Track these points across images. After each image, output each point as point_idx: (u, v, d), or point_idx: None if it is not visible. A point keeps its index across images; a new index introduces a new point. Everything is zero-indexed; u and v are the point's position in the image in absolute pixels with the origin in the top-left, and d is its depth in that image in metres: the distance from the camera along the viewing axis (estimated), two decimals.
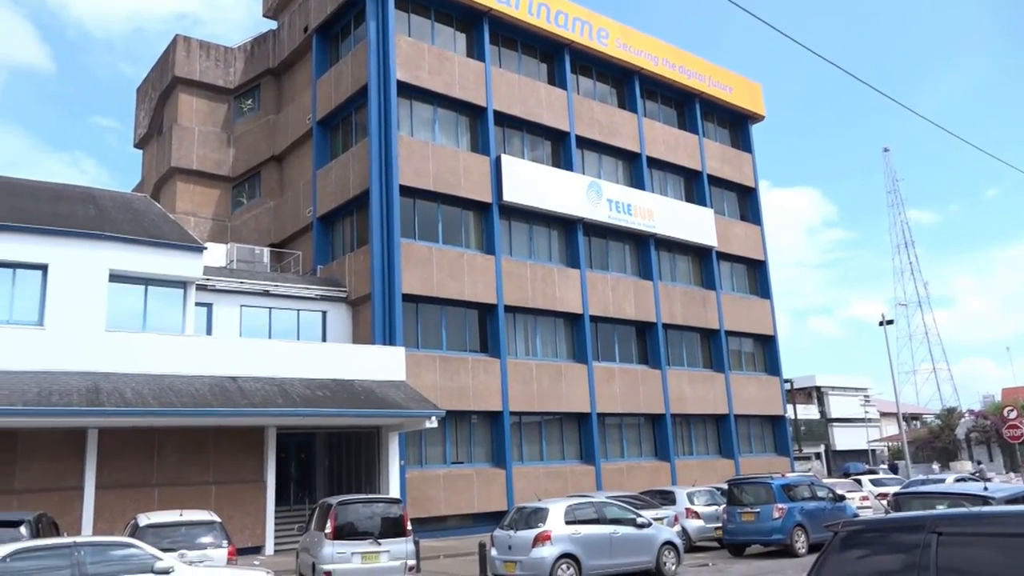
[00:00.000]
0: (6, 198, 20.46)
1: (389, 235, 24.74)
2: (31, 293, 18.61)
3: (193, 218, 30.96)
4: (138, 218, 21.98)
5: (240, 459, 20.42)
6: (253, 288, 23.96)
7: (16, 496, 17.10)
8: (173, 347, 19.56)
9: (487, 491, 24.97)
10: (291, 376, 20.66)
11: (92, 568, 9.58)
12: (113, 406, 16.74)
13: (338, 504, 13.86)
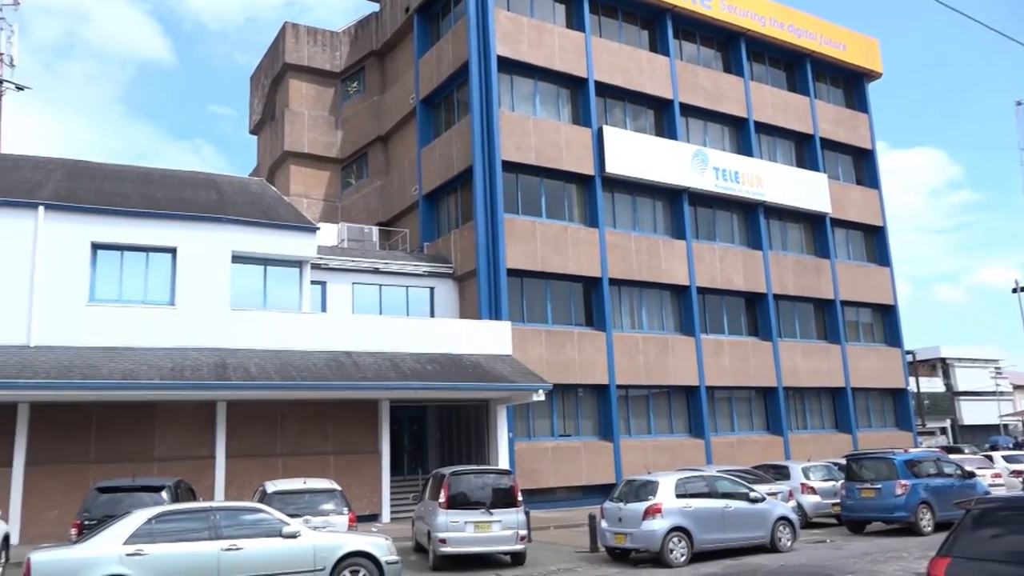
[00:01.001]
0: (138, 186, 21.83)
1: (493, 211, 24.95)
2: (162, 275, 19.84)
3: (306, 199, 32.17)
4: (256, 201, 23.01)
5: (356, 431, 21.26)
6: (364, 266, 24.72)
7: (156, 464, 18.41)
8: (291, 324, 20.49)
9: (595, 464, 25.05)
10: (402, 351, 21.28)
11: (227, 531, 10.23)
12: (239, 380, 17.73)
13: (451, 475, 14.21)
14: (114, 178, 22.26)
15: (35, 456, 17.75)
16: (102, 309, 18.78)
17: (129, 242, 19.53)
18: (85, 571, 9.36)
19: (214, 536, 10.09)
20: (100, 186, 21.26)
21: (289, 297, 21.55)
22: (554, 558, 14.88)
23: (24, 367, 16.53)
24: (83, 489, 15.73)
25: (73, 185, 20.88)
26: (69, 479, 17.52)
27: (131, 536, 9.74)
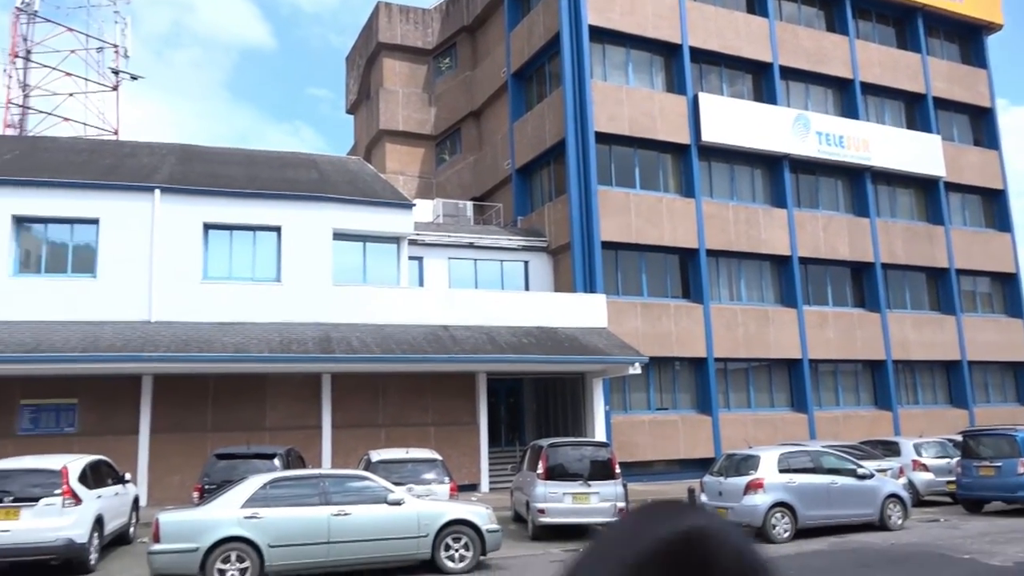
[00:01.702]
0: (244, 168, 22.74)
1: (586, 183, 24.76)
2: (269, 252, 20.65)
3: (401, 176, 32.75)
4: (354, 180, 23.59)
5: (454, 403, 21.69)
6: (459, 241, 25.03)
7: (268, 433, 19.30)
8: (390, 299, 21.01)
9: (693, 437, 24.73)
10: (497, 324, 21.50)
11: (335, 497, 10.66)
12: (342, 353, 18.35)
13: (549, 446, 14.33)
14: (222, 161, 23.24)
15: (158, 424, 18.92)
16: (214, 286, 19.74)
17: (237, 222, 20.39)
18: (207, 532, 9.95)
19: (324, 502, 10.54)
20: (210, 169, 22.25)
21: (388, 272, 22.06)
22: None
23: (147, 341, 17.60)
24: (202, 455, 16.69)
25: (185, 169, 21.93)
26: (189, 446, 18.61)
27: (248, 500, 10.28)
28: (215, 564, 9.91)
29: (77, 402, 18.89)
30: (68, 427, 18.73)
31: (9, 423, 18.45)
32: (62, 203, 19.27)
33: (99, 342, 17.33)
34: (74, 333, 17.69)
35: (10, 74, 35.47)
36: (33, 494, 11.10)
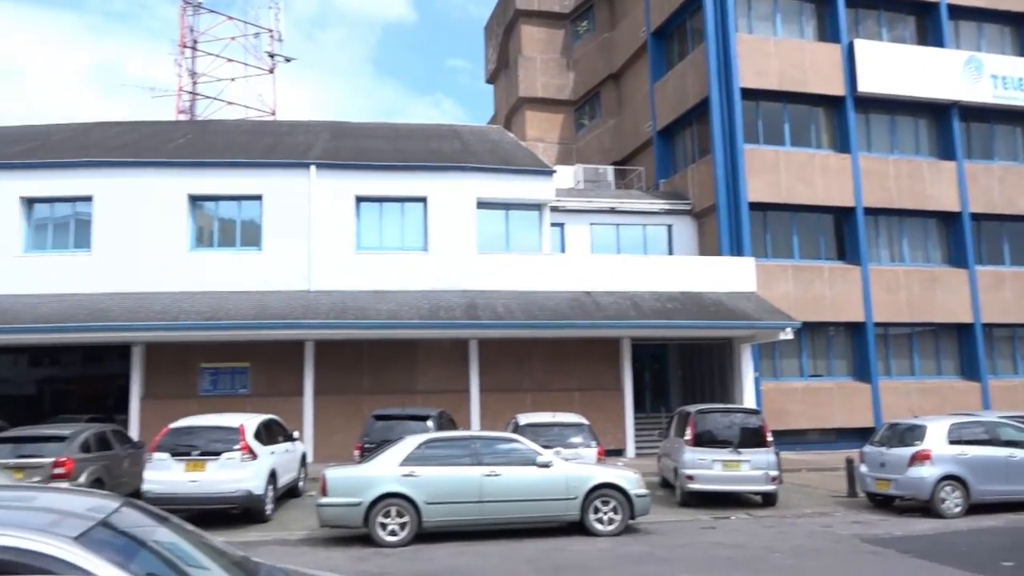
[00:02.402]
0: (391, 141, 23.55)
1: (732, 142, 23.86)
2: (416, 223, 21.36)
3: (541, 144, 32.83)
4: (495, 149, 23.89)
5: (598, 368, 21.74)
6: (600, 206, 24.87)
7: (419, 396, 20.14)
8: (533, 266, 21.24)
9: (849, 406, 23.57)
10: (641, 290, 21.28)
11: (486, 458, 11.01)
12: (488, 320, 18.80)
13: (697, 412, 14.12)
14: (370, 135, 24.16)
15: (320, 387, 20.18)
16: (367, 256, 20.68)
17: (386, 194, 21.20)
18: (369, 488, 10.56)
19: (476, 462, 10.91)
20: (359, 143, 23.20)
21: (530, 240, 22.27)
22: (808, 501, 14.35)
23: (308, 309, 18.75)
24: (360, 416, 17.68)
25: (337, 144, 22.99)
26: (348, 407, 19.74)
27: (405, 459, 10.81)
28: (377, 518, 10.52)
29: (249, 366, 20.46)
30: (242, 389, 20.34)
31: (192, 384, 20.26)
32: (230, 181, 20.73)
33: (267, 310, 18.64)
34: (245, 302, 19.12)
35: (180, 64, 38.34)
36: (216, 449, 12.18)
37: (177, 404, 18.67)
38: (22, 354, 22.60)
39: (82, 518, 3.53)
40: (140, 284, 19.67)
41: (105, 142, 23.27)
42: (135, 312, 18.37)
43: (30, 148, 22.25)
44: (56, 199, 20.58)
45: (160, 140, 23.41)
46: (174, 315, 18.27)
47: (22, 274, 19.76)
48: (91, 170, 20.50)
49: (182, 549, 3.98)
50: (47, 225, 20.72)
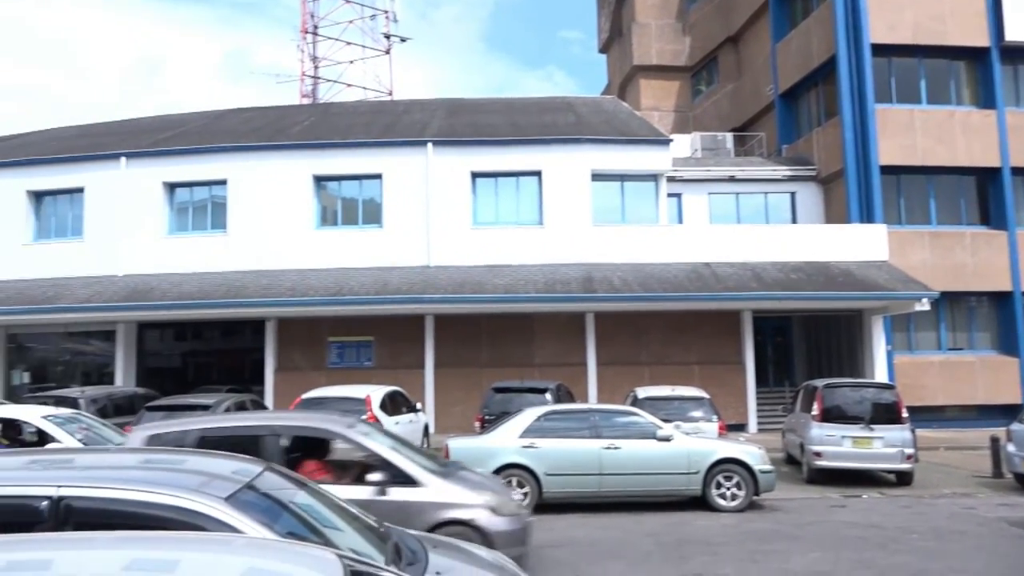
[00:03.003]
0: (505, 116, 23.66)
1: (861, 102, 22.55)
2: (531, 197, 21.42)
3: (656, 113, 32.12)
4: (610, 119, 23.57)
5: (718, 341, 21.24)
6: (719, 175, 24.15)
7: (536, 369, 20.31)
8: (649, 237, 20.91)
9: (994, 381, 22.01)
10: (763, 260, 20.58)
11: (605, 431, 10.99)
12: (605, 292, 18.68)
13: (824, 387, 13.57)
14: (484, 111, 24.35)
15: (440, 360, 20.70)
16: (483, 231, 20.95)
17: (501, 169, 21.34)
18: (490, 458, 10.76)
19: (595, 435, 10.91)
20: (474, 120, 23.43)
21: (646, 211, 21.90)
22: (947, 481, 13.56)
23: (427, 284, 19.23)
24: (478, 389, 18.03)
25: (452, 121, 23.30)
26: (467, 380, 20.16)
27: (525, 431, 10.95)
28: None
29: (373, 339, 21.23)
30: (367, 361, 21.14)
31: (320, 357, 21.24)
32: (351, 161, 21.43)
33: (388, 285, 19.25)
34: (367, 278, 19.80)
35: (302, 49, 39.81)
36: None
37: (307, 376, 19.64)
38: (168, 329, 24.29)
39: (230, 480, 3.77)
40: (270, 262, 20.72)
41: (236, 128, 24.54)
42: (267, 289, 19.39)
43: (170, 136, 23.75)
44: (194, 183, 21.92)
45: (286, 124, 24.46)
46: (302, 291, 19.16)
47: (167, 255, 21.22)
48: (225, 155, 21.68)
49: (319, 511, 4.18)
50: (187, 208, 22.12)
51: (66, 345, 23.54)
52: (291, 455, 7.34)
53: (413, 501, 6.97)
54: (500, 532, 7.04)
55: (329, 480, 7.18)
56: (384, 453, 7.24)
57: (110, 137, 24.88)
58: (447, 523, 6.93)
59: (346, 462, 7.72)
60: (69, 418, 10.84)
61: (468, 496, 7.19)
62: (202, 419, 8.40)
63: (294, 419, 7.93)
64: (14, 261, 21.75)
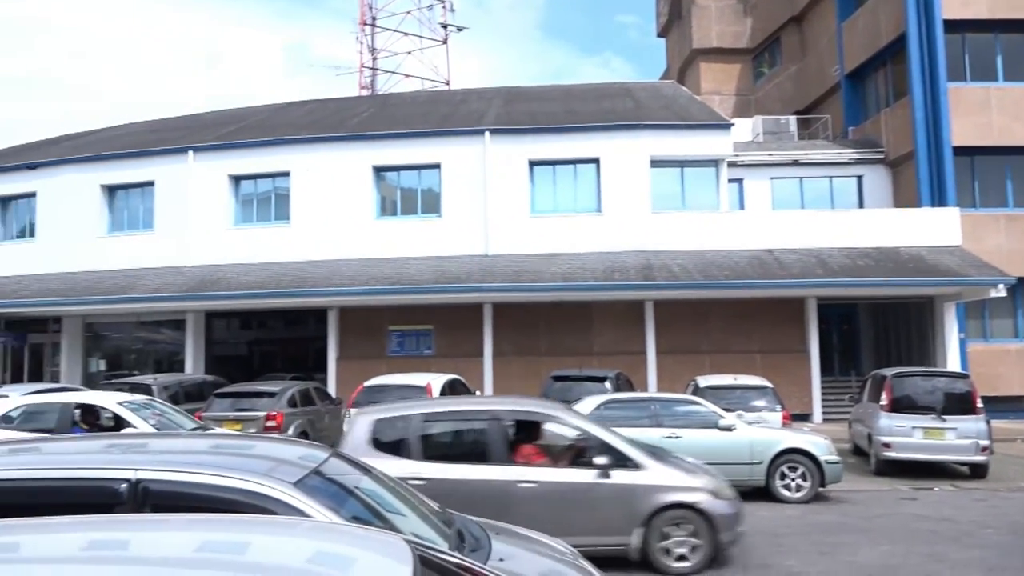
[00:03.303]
0: (562, 104, 23.53)
1: (932, 81, 21.71)
2: (589, 184, 21.28)
3: (717, 97, 31.53)
4: (669, 105, 23.23)
5: (781, 329, 20.80)
6: (782, 159, 23.60)
7: (595, 357, 20.22)
8: (710, 224, 20.57)
9: None
10: (828, 246, 20.06)
11: (666, 419, 10.89)
12: (664, 280, 18.47)
13: (893, 376, 13.18)
14: (541, 98, 24.25)
15: (499, 348, 20.78)
16: (541, 219, 20.91)
17: (559, 156, 21.25)
18: None
19: (655, 424, 10.82)
20: (531, 108, 23.36)
21: (706, 197, 21.55)
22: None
23: (485, 273, 19.30)
24: (537, 377, 18.01)
25: (509, 110, 23.28)
26: (526, 368, 20.18)
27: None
28: None
29: (432, 328, 21.44)
30: (426, 350, 21.37)
31: (381, 345, 21.55)
32: (410, 151, 21.62)
33: (447, 274, 19.39)
34: (427, 267, 19.98)
35: (361, 41, 40.30)
36: None
37: (368, 364, 19.95)
38: (234, 318, 24.96)
39: (297, 466, 3.85)
40: (332, 252, 21.08)
41: (297, 120, 24.99)
42: (329, 278, 19.74)
43: (234, 130, 24.33)
44: (258, 175, 22.43)
45: (346, 116, 24.80)
46: (363, 280, 19.45)
47: (232, 246, 21.79)
48: (287, 147, 22.11)
49: (383, 497, 4.24)
50: (252, 200, 22.65)
51: (139, 334, 24.44)
52: (509, 438, 7.58)
53: (637, 484, 7.16)
54: (722, 515, 7.22)
55: (546, 463, 7.46)
56: (604, 436, 7.47)
57: (177, 132, 25.63)
58: (669, 506, 7.12)
59: (561, 446, 7.88)
60: (143, 404, 11.23)
61: (688, 479, 7.35)
62: (425, 403, 8.70)
63: (511, 403, 8.14)
64: (90, 253, 22.64)
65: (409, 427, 7.47)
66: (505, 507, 7.02)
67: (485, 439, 7.40)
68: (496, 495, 7.08)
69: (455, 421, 7.87)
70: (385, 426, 7.51)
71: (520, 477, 7.19)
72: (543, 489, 7.13)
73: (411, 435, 7.48)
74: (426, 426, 7.55)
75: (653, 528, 7.16)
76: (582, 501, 7.16)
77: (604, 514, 7.15)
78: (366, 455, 7.32)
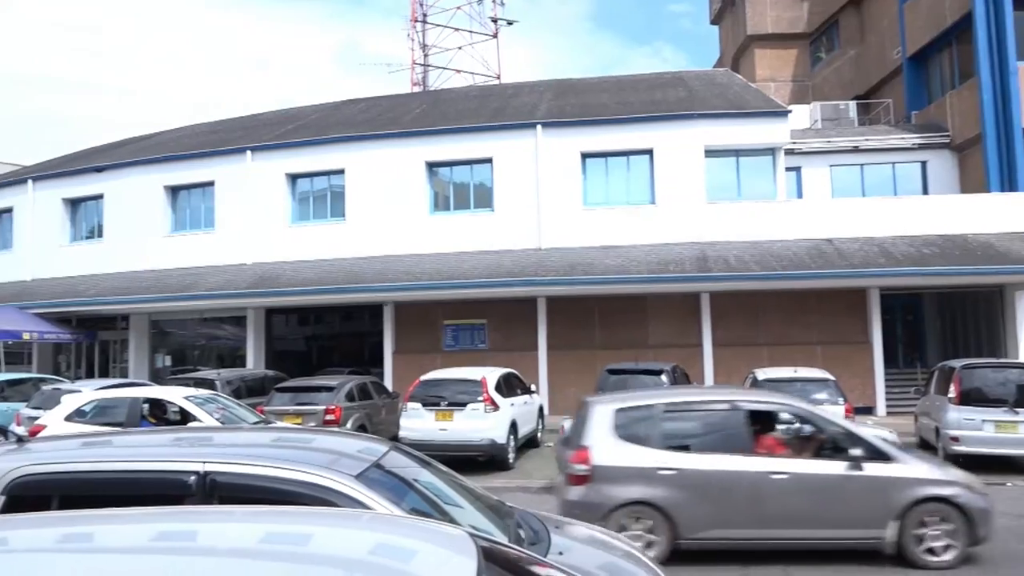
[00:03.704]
0: (614, 95, 23.33)
1: (1001, 61, 20.89)
2: (642, 176, 21.06)
3: (773, 83, 30.89)
4: (723, 93, 22.82)
5: (842, 320, 20.30)
6: (841, 146, 23.00)
7: (651, 350, 20.02)
8: (767, 213, 20.17)
9: None
10: (891, 234, 19.49)
11: None
12: (720, 272, 18.18)
13: (962, 368, 12.74)
14: (593, 90, 24.08)
15: (553, 342, 20.74)
16: (594, 212, 20.79)
17: (611, 148, 21.07)
18: None
19: None
20: (582, 100, 23.21)
21: (763, 186, 21.13)
22: None
23: (539, 266, 19.27)
24: (591, 371, 17.95)
25: (561, 102, 23.17)
26: (580, 362, 20.12)
27: None
28: None
29: (486, 322, 21.51)
30: (480, 344, 21.45)
31: (436, 339, 21.72)
32: (462, 147, 21.70)
33: (500, 268, 19.42)
34: (480, 261, 20.05)
35: (412, 38, 40.59)
36: (461, 400, 12.99)
37: (423, 358, 20.14)
38: (293, 314, 25.46)
39: (357, 459, 3.90)
40: (386, 248, 21.32)
41: (351, 118, 25.30)
42: (384, 274, 19.96)
43: (290, 129, 24.76)
44: (314, 173, 22.79)
45: (398, 112, 25.01)
46: (417, 276, 19.61)
47: (290, 243, 22.22)
48: (342, 145, 22.41)
49: (442, 490, 4.27)
50: (308, 198, 23.04)
51: (201, 330, 25.12)
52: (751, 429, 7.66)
53: (892, 476, 7.15)
54: (978, 509, 7.18)
55: (788, 455, 7.54)
56: (852, 428, 7.53)
57: (236, 132, 26.21)
58: (926, 500, 7.09)
59: (799, 437, 7.93)
60: (208, 398, 11.54)
61: (941, 473, 7.36)
62: (665, 392, 8.83)
63: (750, 393, 8.33)
64: (155, 252, 23.36)
65: (651, 417, 7.58)
66: (758, 498, 7.17)
67: (729, 429, 7.44)
68: (748, 486, 7.15)
69: (697, 411, 7.86)
70: (626, 415, 7.64)
71: (772, 468, 7.21)
72: (796, 481, 7.14)
73: (653, 425, 7.56)
74: (668, 416, 7.63)
75: (909, 521, 7.10)
76: (835, 493, 7.13)
77: (857, 507, 7.12)
78: (608, 444, 7.53)
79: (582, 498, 7.41)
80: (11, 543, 2.46)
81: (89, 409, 11.42)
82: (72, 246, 25.20)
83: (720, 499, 7.23)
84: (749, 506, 7.17)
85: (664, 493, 7.26)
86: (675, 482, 7.25)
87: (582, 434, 7.73)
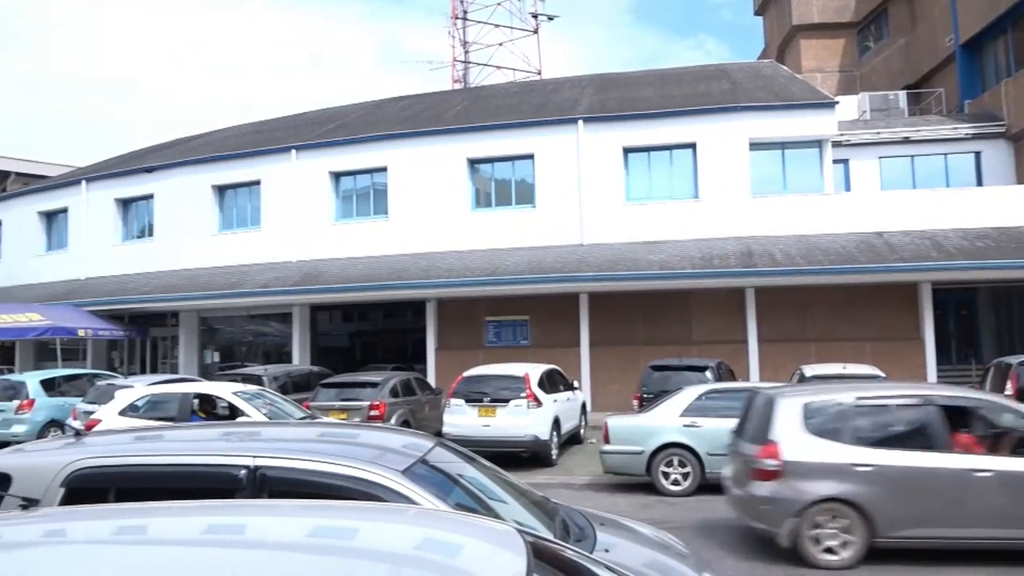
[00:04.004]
0: (656, 88, 23.12)
1: None
2: (685, 170, 20.83)
3: (819, 74, 30.29)
4: (768, 84, 22.45)
5: (893, 315, 19.84)
6: (891, 137, 22.46)
7: (695, 347, 19.82)
8: (814, 206, 19.80)
9: None
10: (943, 227, 18.98)
11: None
12: (765, 267, 17.89)
13: (1019, 364, 12.34)
14: (635, 84, 23.89)
15: (595, 338, 20.64)
16: (636, 207, 20.63)
17: (653, 143, 20.88)
18: (651, 437, 10.65)
19: None
20: (624, 94, 23.04)
21: (810, 179, 20.73)
22: None
23: (581, 262, 19.19)
24: (634, 367, 17.83)
25: (603, 97, 23.03)
26: (623, 359, 19.99)
27: (685, 409, 10.74)
28: (659, 467, 10.59)
29: (528, 318, 21.50)
30: (523, 340, 21.45)
31: (478, 336, 21.78)
32: (503, 143, 21.70)
33: (542, 265, 19.39)
34: (521, 258, 20.04)
35: (453, 35, 40.73)
36: (504, 396, 13.01)
37: (466, 354, 20.21)
38: (337, 311, 25.76)
39: (403, 455, 3.91)
40: (429, 245, 21.44)
41: (393, 116, 25.49)
42: (426, 271, 20.08)
43: (333, 128, 25.04)
44: (357, 172, 23.02)
45: (440, 110, 25.12)
46: (460, 272, 19.68)
47: (334, 241, 22.49)
48: (384, 143, 22.60)
49: (486, 486, 4.27)
50: (351, 196, 23.29)
51: (249, 327, 25.57)
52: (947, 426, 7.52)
53: None
54: None
55: (984, 452, 7.39)
56: None
57: (280, 131, 26.59)
58: None
59: (998, 434, 7.77)
60: (255, 394, 11.73)
61: None
62: (856, 387, 8.58)
63: (944, 389, 8.10)
64: (204, 250, 23.85)
65: (843, 412, 7.43)
66: (960, 497, 6.96)
67: (924, 426, 7.24)
68: (949, 484, 6.96)
69: (889, 406, 7.63)
70: (816, 410, 7.49)
71: (976, 466, 7.02)
72: (1001, 479, 6.94)
73: (844, 419, 7.41)
74: (859, 410, 7.44)
75: None
76: None
77: None
78: (797, 439, 7.35)
79: (772, 494, 7.22)
80: (69, 534, 2.53)
81: (142, 404, 11.71)
82: (124, 245, 25.86)
83: (921, 497, 6.99)
84: (952, 505, 6.92)
85: (862, 489, 7.04)
86: (872, 479, 7.03)
87: (767, 429, 7.49)
